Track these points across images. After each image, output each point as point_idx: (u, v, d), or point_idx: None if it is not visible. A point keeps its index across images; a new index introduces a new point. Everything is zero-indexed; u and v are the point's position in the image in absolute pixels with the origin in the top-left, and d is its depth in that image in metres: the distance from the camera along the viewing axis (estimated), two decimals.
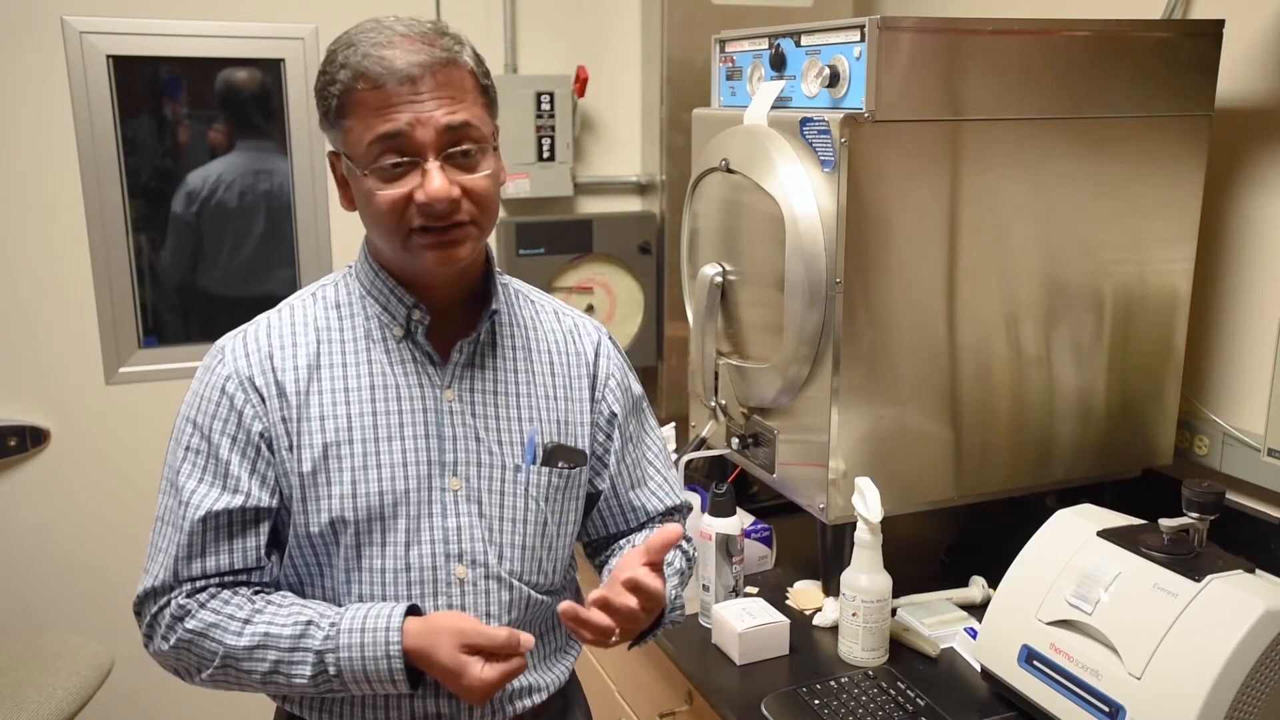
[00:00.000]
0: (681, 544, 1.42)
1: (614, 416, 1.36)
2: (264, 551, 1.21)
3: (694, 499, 1.81)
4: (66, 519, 2.39)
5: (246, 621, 1.16)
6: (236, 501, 1.18)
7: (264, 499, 1.19)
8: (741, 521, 1.76)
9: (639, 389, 1.42)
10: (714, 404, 1.85)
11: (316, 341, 1.23)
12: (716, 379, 1.84)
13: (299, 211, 2.47)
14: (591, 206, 2.69)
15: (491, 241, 2.85)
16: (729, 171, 1.73)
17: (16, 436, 2.31)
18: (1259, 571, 1.33)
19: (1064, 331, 1.72)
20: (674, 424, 2.26)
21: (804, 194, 1.58)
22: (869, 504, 1.56)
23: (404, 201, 1.14)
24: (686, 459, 1.90)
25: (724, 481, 1.73)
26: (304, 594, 1.23)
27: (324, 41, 2.39)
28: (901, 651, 1.63)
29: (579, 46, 2.59)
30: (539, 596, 1.30)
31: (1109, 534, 1.43)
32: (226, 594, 1.18)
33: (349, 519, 1.19)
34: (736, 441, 1.86)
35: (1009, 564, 1.50)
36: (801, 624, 1.72)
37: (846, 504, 1.62)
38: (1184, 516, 1.37)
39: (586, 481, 1.35)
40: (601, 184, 2.67)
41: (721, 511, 1.71)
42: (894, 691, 1.50)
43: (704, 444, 1.95)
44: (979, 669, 1.53)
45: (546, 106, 2.50)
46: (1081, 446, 1.78)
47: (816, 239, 1.57)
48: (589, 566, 1.49)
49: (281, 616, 1.17)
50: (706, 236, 1.88)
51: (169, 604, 1.18)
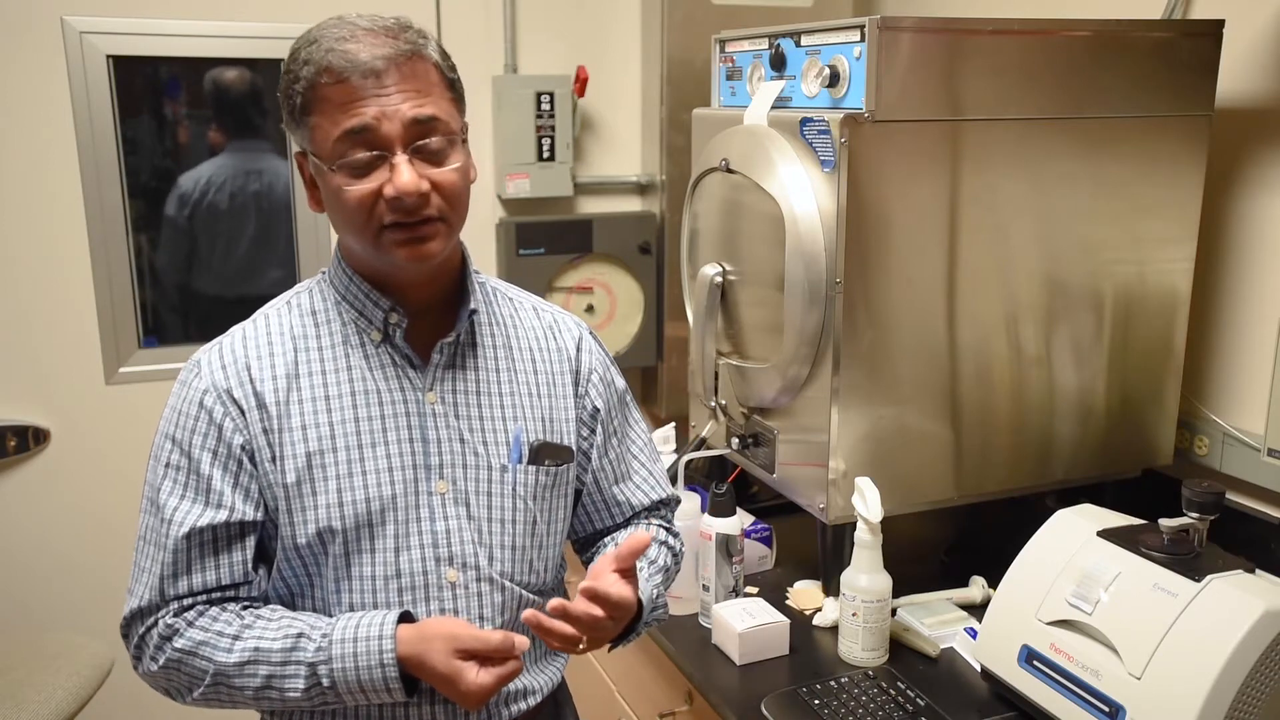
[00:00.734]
0: (668, 540, 1.41)
1: (597, 411, 1.35)
2: (251, 566, 1.19)
3: (694, 499, 1.81)
4: (66, 519, 2.39)
5: (236, 638, 1.14)
6: (220, 516, 1.16)
7: (248, 513, 1.17)
8: (741, 521, 1.76)
9: (622, 383, 1.41)
10: (714, 404, 1.85)
11: (294, 350, 1.21)
12: (716, 379, 1.84)
13: (299, 212, 2.47)
14: (591, 206, 2.69)
15: (491, 241, 2.85)
16: (729, 171, 1.73)
17: (16, 436, 2.30)
18: (1259, 571, 1.33)
19: (1064, 331, 1.72)
20: (674, 424, 2.27)
21: (804, 194, 1.58)
22: (869, 504, 1.56)
23: (373, 197, 1.12)
24: (686, 459, 1.90)
25: (724, 481, 1.73)
26: (294, 606, 1.22)
27: None
28: (901, 651, 1.63)
29: (579, 46, 2.59)
30: (531, 597, 1.29)
31: (1109, 534, 1.43)
32: (215, 611, 1.16)
33: (337, 528, 1.18)
34: (736, 441, 1.86)
35: (1009, 564, 1.50)
36: (801, 624, 1.72)
37: (846, 504, 1.62)
38: (1184, 516, 1.37)
39: (574, 479, 1.34)
40: (601, 184, 2.67)
41: (721, 511, 1.71)
42: (894, 691, 1.50)
43: (704, 444, 1.95)
44: (979, 669, 1.53)
45: (546, 106, 2.50)
46: (1081, 446, 1.78)
47: (816, 239, 1.57)
48: (579, 566, 1.49)
49: (271, 630, 1.15)
50: (706, 236, 1.88)
51: (156, 624, 1.16)
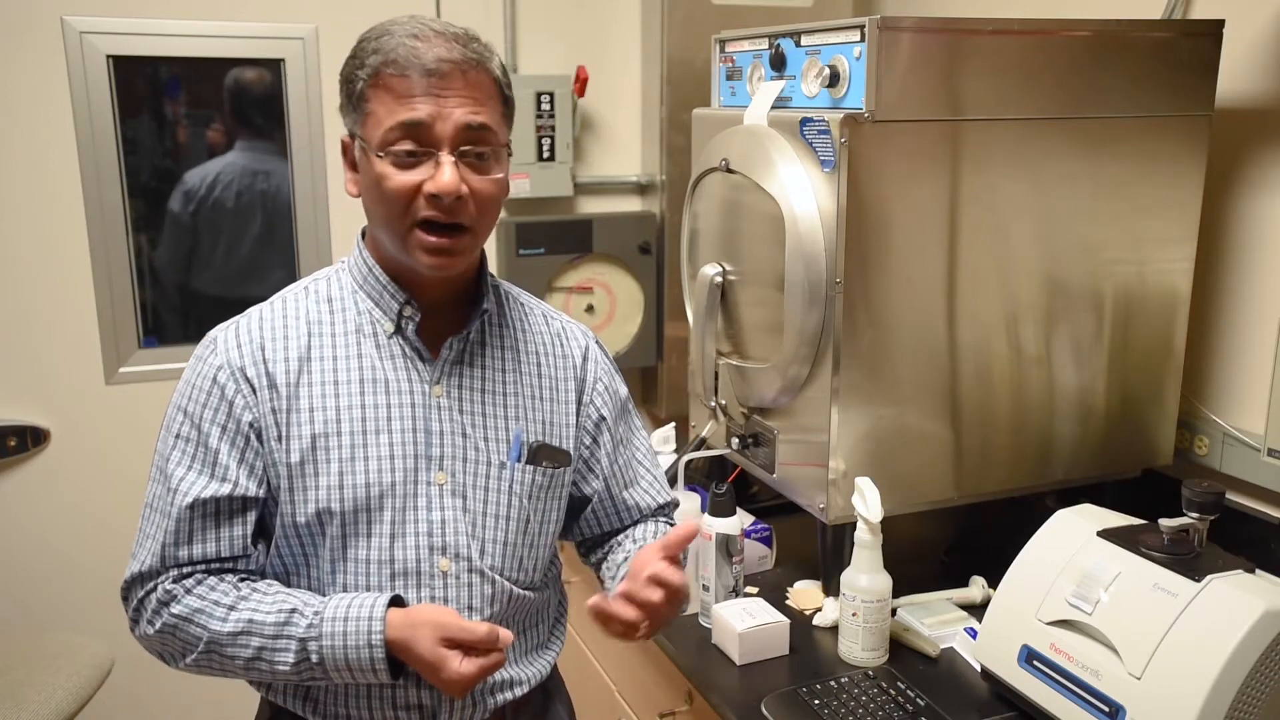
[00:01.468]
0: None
1: (603, 420, 1.39)
2: (250, 540, 1.22)
3: (694, 499, 1.81)
4: (66, 519, 2.39)
5: (231, 608, 1.18)
6: (224, 490, 1.19)
7: (251, 488, 1.20)
8: (741, 521, 1.76)
9: (625, 391, 1.44)
10: (714, 404, 1.85)
11: (308, 334, 1.24)
12: (716, 379, 1.84)
13: (299, 212, 2.47)
14: (591, 206, 2.69)
15: (491, 241, 2.85)
16: (729, 171, 1.73)
17: (16, 436, 2.30)
18: (1259, 571, 1.33)
19: (1064, 331, 1.72)
20: (674, 424, 2.27)
21: (804, 194, 1.58)
22: (869, 504, 1.56)
23: (413, 190, 1.16)
24: (686, 459, 1.90)
25: (724, 481, 1.73)
26: (290, 584, 1.25)
27: (324, 41, 2.39)
28: (901, 651, 1.63)
29: (579, 46, 2.59)
30: (520, 592, 1.31)
31: (1109, 534, 1.43)
32: (212, 580, 1.20)
33: (335, 510, 1.21)
34: (736, 441, 1.86)
35: (1009, 564, 1.50)
36: (801, 624, 1.72)
37: (846, 504, 1.62)
38: (1184, 516, 1.37)
39: (570, 483, 1.37)
40: (601, 184, 2.67)
41: (721, 511, 1.71)
42: (894, 691, 1.50)
43: (704, 444, 1.95)
44: (979, 669, 1.53)
45: (546, 106, 2.50)
46: (1081, 446, 1.78)
47: (816, 239, 1.57)
48: (581, 567, 1.49)
49: (266, 604, 1.18)
50: (706, 236, 1.88)
51: (155, 589, 1.19)
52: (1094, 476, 1.81)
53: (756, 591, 1.81)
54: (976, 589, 1.78)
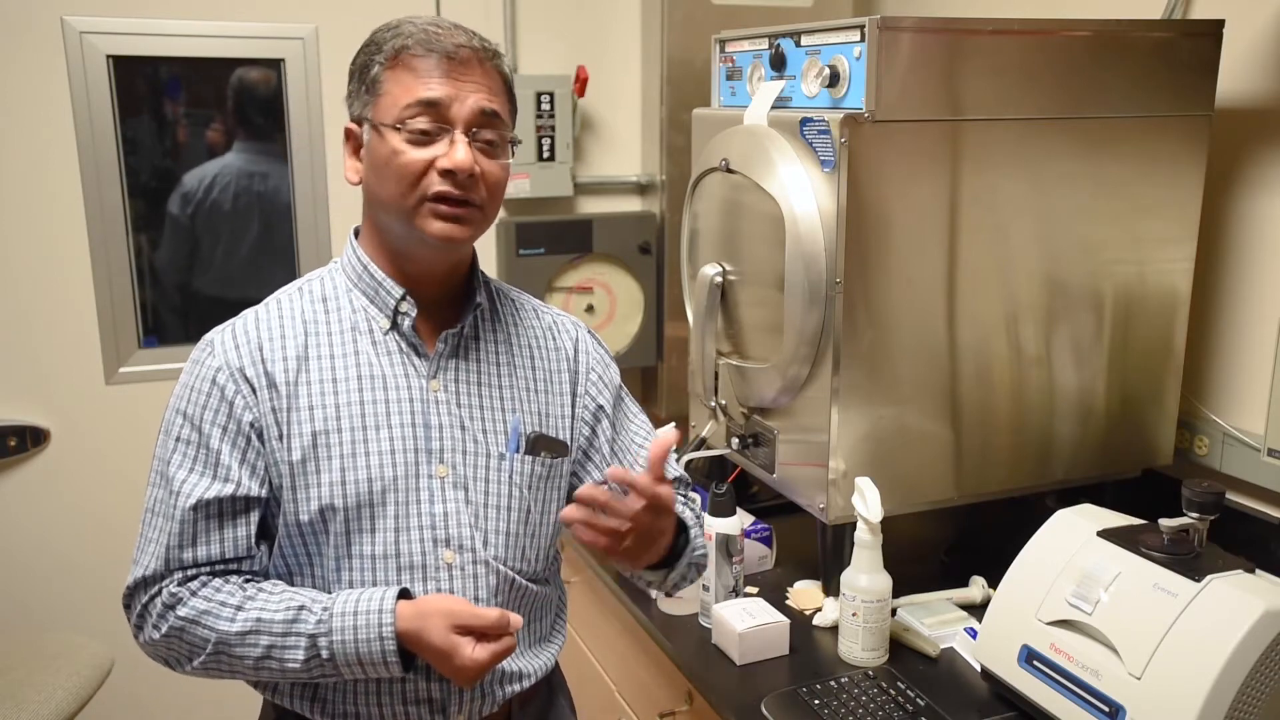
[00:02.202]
0: (695, 509, 1.45)
1: (600, 409, 1.40)
2: (254, 541, 1.22)
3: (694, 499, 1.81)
4: (66, 519, 2.39)
5: (239, 608, 1.18)
6: (227, 490, 1.19)
7: (254, 489, 1.21)
8: (741, 521, 1.76)
9: (617, 377, 1.45)
10: (714, 404, 1.85)
11: (304, 334, 1.25)
12: (716, 379, 1.84)
13: (299, 212, 2.47)
14: (591, 206, 2.69)
15: (491, 241, 2.85)
16: (729, 171, 1.73)
17: (16, 436, 2.31)
18: (1259, 571, 1.33)
19: (1064, 331, 1.72)
20: (674, 424, 2.26)
21: (804, 194, 1.58)
22: (869, 504, 1.56)
23: (425, 165, 1.18)
24: (686, 459, 1.90)
25: (724, 481, 1.73)
26: (294, 583, 1.25)
27: (324, 41, 2.39)
28: (901, 651, 1.63)
29: (579, 46, 2.59)
30: (524, 583, 1.32)
31: (1109, 534, 1.43)
32: (218, 582, 1.20)
33: (338, 506, 1.21)
34: (736, 441, 1.86)
35: (1009, 564, 1.50)
36: (801, 624, 1.72)
37: (846, 504, 1.62)
38: (1184, 516, 1.36)
39: (569, 473, 1.38)
40: (601, 184, 2.67)
41: (721, 511, 1.71)
42: (894, 691, 1.50)
43: (704, 444, 1.95)
44: (979, 669, 1.53)
45: (546, 106, 2.50)
46: (1081, 446, 1.78)
47: (816, 239, 1.57)
48: (582, 567, 1.49)
49: (274, 602, 1.18)
50: (706, 236, 1.88)
51: (160, 593, 1.19)
52: (1094, 476, 1.81)
53: (756, 591, 1.81)
54: (976, 589, 1.78)
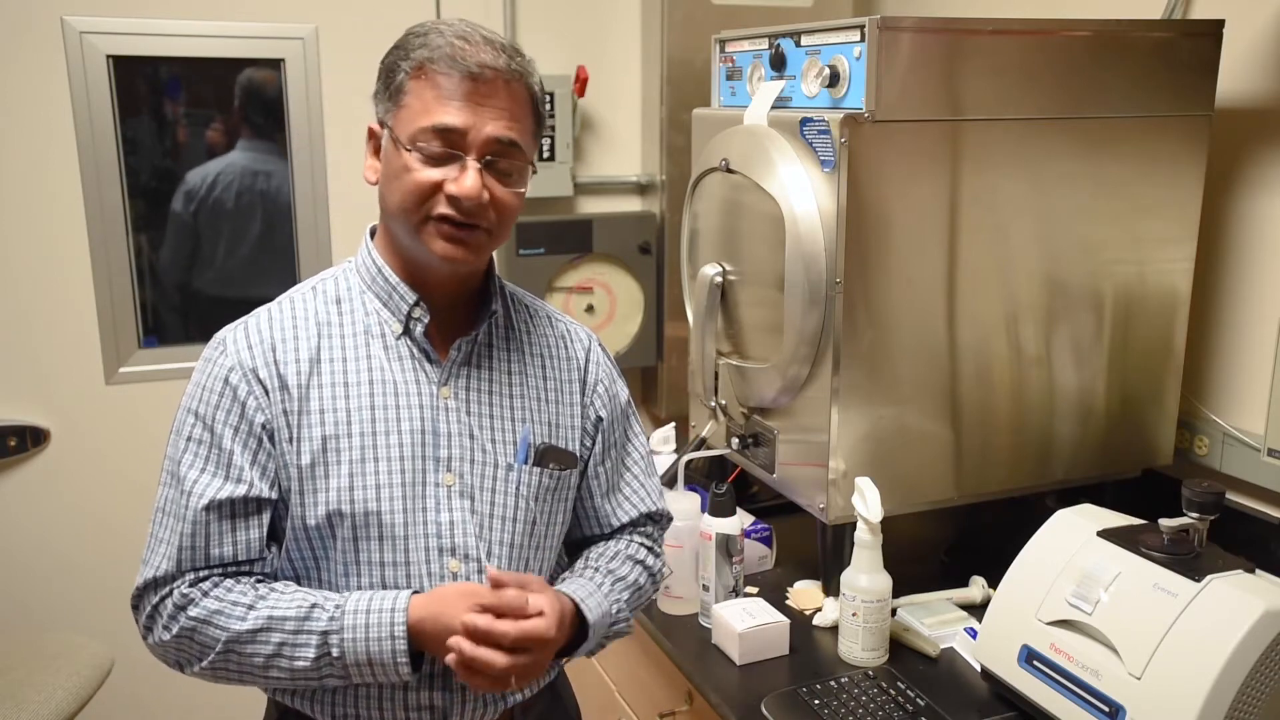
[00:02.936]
0: (647, 559, 1.40)
1: (600, 421, 1.38)
2: (264, 543, 1.22)
3: (694, 499, 1.81)
4: (66, 519, 2.39)
5: (250, 607, 1.17)
6: (240, 491, 1.19)
7: (265, 490, 1.20)
8: (741, 521, 1.76)
9: (626, 394, 1.43)
10: (714, 404, 1.85)
11: (317, 335, 1.24)
12: (716, 379, 1.84)
13: (299, 212, 2.47)
14: (591, 206, 2.69)
15: None
16: (729, 171, 1.73)
17: (16, 436, 2.30)
18: (1259, 571, 1.33)
19: (1064, 331, 1.72)
20: (674, 424, 2.27)
21: (804, 194, 1.58)
22: (869, 504, 1.56)
23: (433, 187, 1.18)
24: (686, 459, 1.90)
25: (724, 481, 1.73)
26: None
27: (324, 41, 2.38)
28: (901, 651, 1.63)
29: (579, 46, 2.59)
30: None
31: (1109, 534, 1.43)
32: (229, 582, 1.19)
33: (346, 511, 1.20)
34: (736, 441, 1.86)
35: (1009, 564, 1.50)
36: (801, 624, 1.72)
37: (846, 504, 1.62)
38: (1184, 516, 1.37)
39: (575, 485, 1.36)
40: (601, 184, 2.67)
41: (721, 511, 1.71)
42: (894, 691, 1.50)
43: (704, 444, 1.95)
44: (979, 669, 1.53)
45: (547, 106, 2.50)
46: (1081, 446, 1.78)
47: (816, 239, 1.57)
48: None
49: (285, 600, 1.18)
50: (706, 236, 1.88)
51: (171, 594, 1.18)
52: (1094, 476, 1.81)
53: (756, 591, 1.81)
54: (976, 589, 1.78)
